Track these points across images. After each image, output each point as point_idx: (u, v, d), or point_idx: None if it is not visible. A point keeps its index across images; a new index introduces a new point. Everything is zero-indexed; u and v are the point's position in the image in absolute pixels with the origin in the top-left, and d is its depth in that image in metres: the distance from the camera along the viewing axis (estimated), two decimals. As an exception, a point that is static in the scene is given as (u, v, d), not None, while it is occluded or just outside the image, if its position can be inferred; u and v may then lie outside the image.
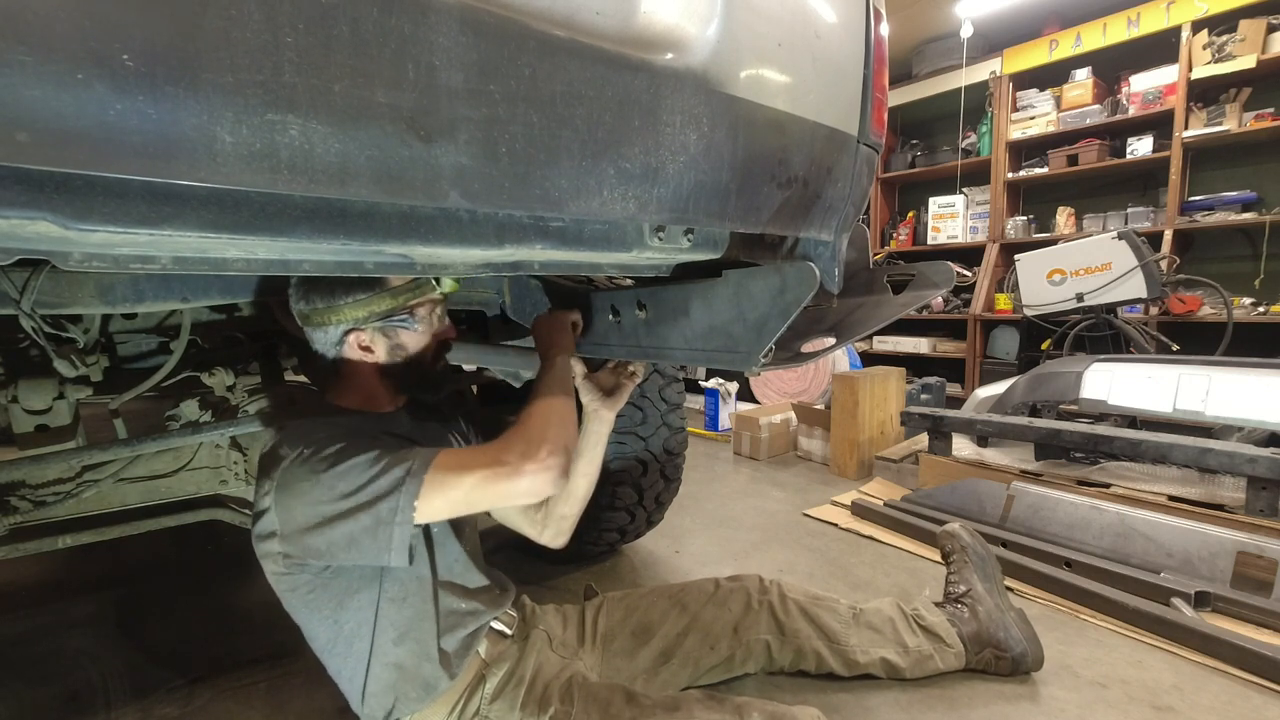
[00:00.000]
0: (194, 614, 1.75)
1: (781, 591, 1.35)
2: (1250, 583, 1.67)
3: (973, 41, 4.51)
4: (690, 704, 0.99)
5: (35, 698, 1.38)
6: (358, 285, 0.97)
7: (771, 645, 1.30)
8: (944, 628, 1.35)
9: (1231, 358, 2.53)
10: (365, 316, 0.97)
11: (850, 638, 1.32)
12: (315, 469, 0.85)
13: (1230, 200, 3.67)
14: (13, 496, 1.27)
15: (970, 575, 1.38)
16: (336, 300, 0.96)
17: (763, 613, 1.31)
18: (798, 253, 1.07)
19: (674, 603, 1.30)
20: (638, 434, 1.79)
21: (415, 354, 1.04)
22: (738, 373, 3.36)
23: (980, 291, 4.53)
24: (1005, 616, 1.34)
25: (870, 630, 1.33)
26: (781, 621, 1.30)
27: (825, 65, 0.91)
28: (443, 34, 0.56)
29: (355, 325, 0.98)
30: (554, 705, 0.99)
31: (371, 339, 1.00)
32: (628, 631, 1.26)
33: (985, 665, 1.35)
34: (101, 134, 0.44)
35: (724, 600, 1.32)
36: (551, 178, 0.67)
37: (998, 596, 1.36)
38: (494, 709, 1.01)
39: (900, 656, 1.32)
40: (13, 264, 0.69)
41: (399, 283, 0.99)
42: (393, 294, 0.98)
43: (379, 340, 1.01)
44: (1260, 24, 3.42)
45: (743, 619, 1.30)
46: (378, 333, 1.00)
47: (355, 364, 1.02)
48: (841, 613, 1.34)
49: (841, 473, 2.96)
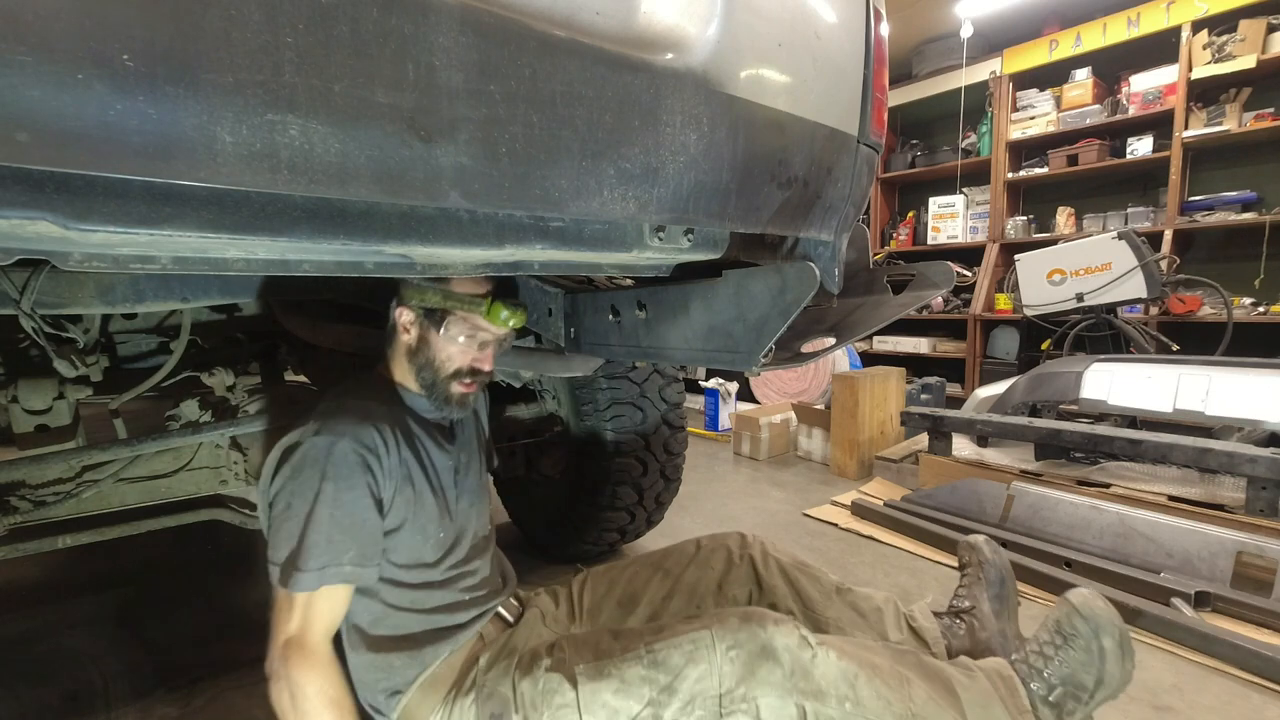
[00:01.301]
0: (194, 614, 1.75)
1: (764, 548, 1.33)
2: (1250, 583, 1.67)
3: (973, 41, 4.51)
4: (673, 623, 1.01)
5: (35, 698, 1.38)
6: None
7: (753, 596, 1.30)
8: (933, 634, 1.27)
9: (1231, 358, 2.53)
10: (416, 300, 1.02)
11: (827, 610, 1.27)
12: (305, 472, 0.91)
13: (1230, 200, 3.67)
14: (13, 496, 1.27)
15: (980, 593, 1.29)
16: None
17: (744, 566, 1.30)
18: (798, 253, 1.07)
19: (656, 569, 1.30)
20: (638, 434, 1.79)
21: (434, 359, 1.05)
22: (738, 373, 3.36)
23: (980, 291, 4.53)
24: (1008, 645, 1.24)
25: (852, 611, 1.28)
26: (761, 575, 1.29)
27: (825, 65, 0.91)
28: (443, 34, 0.56)
29: (406, 302, 1.03)
30: (545, 659, 1.00)
31: (411, 322, 1.05)
32: (613, 602, 1.27)
33: None
34: (101, 134, 0.44)
35: (706, 560, 1.31)
36: (552, 178, 0.67)
37: (1005, 622, 1.27)
38: (489, 677, 1.03)
39: None
40: (13, 264, 0.69)
41: (462, 289, 1.02)
42: (445, 295, 1.01)
43: (415, 326, 1.05)
44: (1260, 24, 3.42)
45: (726, 575, 1.29)
46: (417, 320, 1.04)
47: (396, 336, 1.07)
48: (824, 584, 1.31)
49: (841, 473, 2.96)
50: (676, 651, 0.95)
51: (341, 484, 0.91)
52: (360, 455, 0.94)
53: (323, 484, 0.90)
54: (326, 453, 0.92)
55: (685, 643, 0.95)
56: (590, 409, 1.76)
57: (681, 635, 0.96)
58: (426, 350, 1.05)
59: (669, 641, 0.96)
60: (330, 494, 0.90)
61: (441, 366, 1.05)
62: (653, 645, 0.96)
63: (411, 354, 1.06)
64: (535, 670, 0.97)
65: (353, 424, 0.95)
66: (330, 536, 0.89)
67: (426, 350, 1.05)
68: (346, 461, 0.92)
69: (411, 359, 1.06)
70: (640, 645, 0.97)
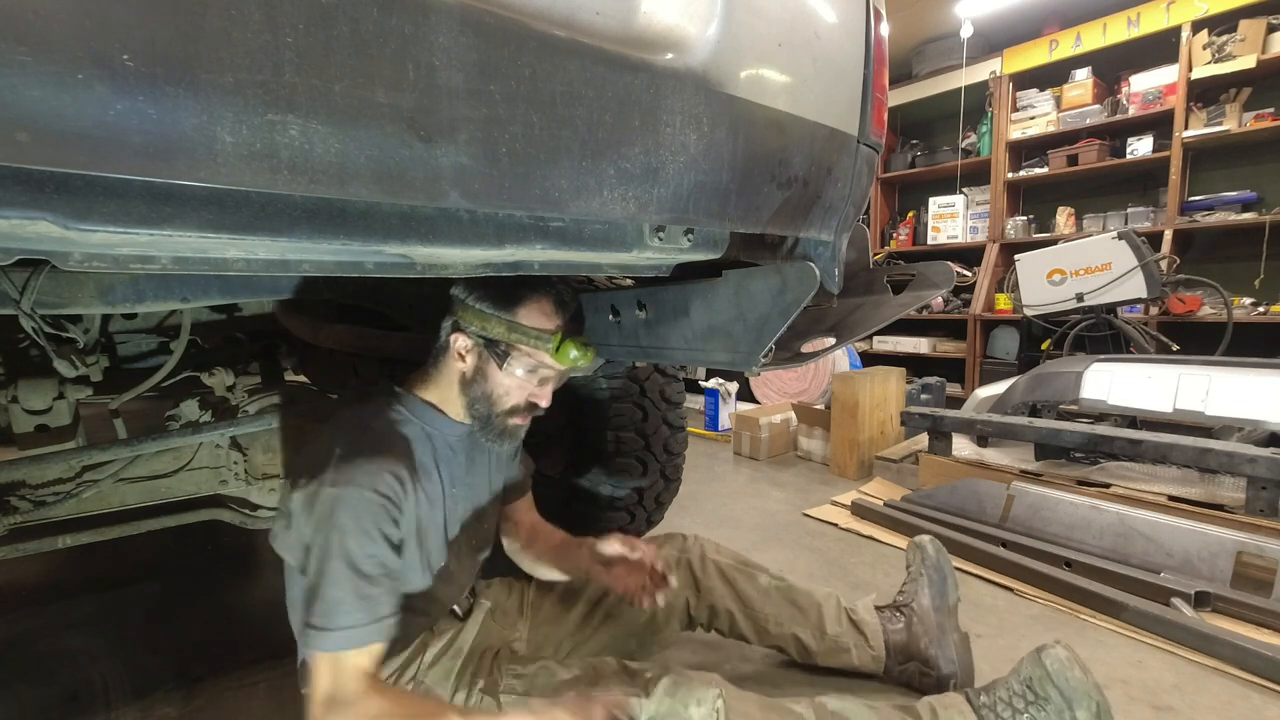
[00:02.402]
0: (194, 614, 1.75)
1: (703, 551, 1.35)
2: (1250, 583, 1.67)
3: (973, 41, 4.51)
4: (608, 676, 1.02)
5: (35, 698, 1.38)
6: (494, 296, 0.98)
7: (690, 602, 1.32)
8: (873, 628, 1.32)
9: (1231, 358, 2.53)
10: (477, 328, 0.98)
11: (765, 607, 1.32)
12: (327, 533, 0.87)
13: (1230, 200, 3.67)
14: (13, 496, 1.27)
15: (920, 590, 1.34)
16: (468, 296, 0.99)
17: (681, 569, 1.31)
18: (798, 253, 1.07)
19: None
20: (638, 433, 1.79)
21: (492, 393, 1.01)
22: (738, 373, 3.36)
23: (980, 291, 4.53)
24: (946, 637, 1.29)
25: (791, 606, 1.32)
26: (698, 578, 1.32)
27: (825, 65, 0.91)
28: (443, 34, 0.56)
29: (465, 328, 0.99)
30: (483, 678, 1.02)
31: (468, 350, 1.01)
32: (555, 597, 1.30)
33: (909, 679, 1.31)
34: (101, 134, 0.44)
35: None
36: (552, 178, 0.67)
37: (944, 616, 1.31)
38: (430, 674, 1.04)
39: (814, 640, 1.30)
40: (13, 264, 0.69)
41: (530, 322, 0.98)
42: (510, 326, 0.97)
43: (472, 356, 1.01)
44: (1260, 24, 3.42)
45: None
46: (476, 349, 1.00)
47: (448, 360, 1.03)
48: (761, 582, 1.34)
49: (841, 473, 2.96)
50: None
51: (364, 539, 0.88)
52: (381, 507, 0.90)
53: (346, 540, 0.86)
54: (349, 507, 0.88)
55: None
56: (590, 409, 1.76)
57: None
58: (484, 383, 1.01)
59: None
60: (355, 550, 0.87)
61: (499, 401, 1.02)
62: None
63: (465, 384, 1.02)
64: (472, 685, 1.01)
65: (373, 472, 0.91)
66: (360, 592, 0.86)
67: (484, 383, 1.01)
68: (369, 514, 0.89)
69: (465, 389, 1.03)
70: (571, 693, 0.96)
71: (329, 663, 0.84)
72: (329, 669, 0.84)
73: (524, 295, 0.99)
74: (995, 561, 1.90)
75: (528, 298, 0.99)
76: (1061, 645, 1.04)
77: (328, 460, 0.91)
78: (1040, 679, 1.01)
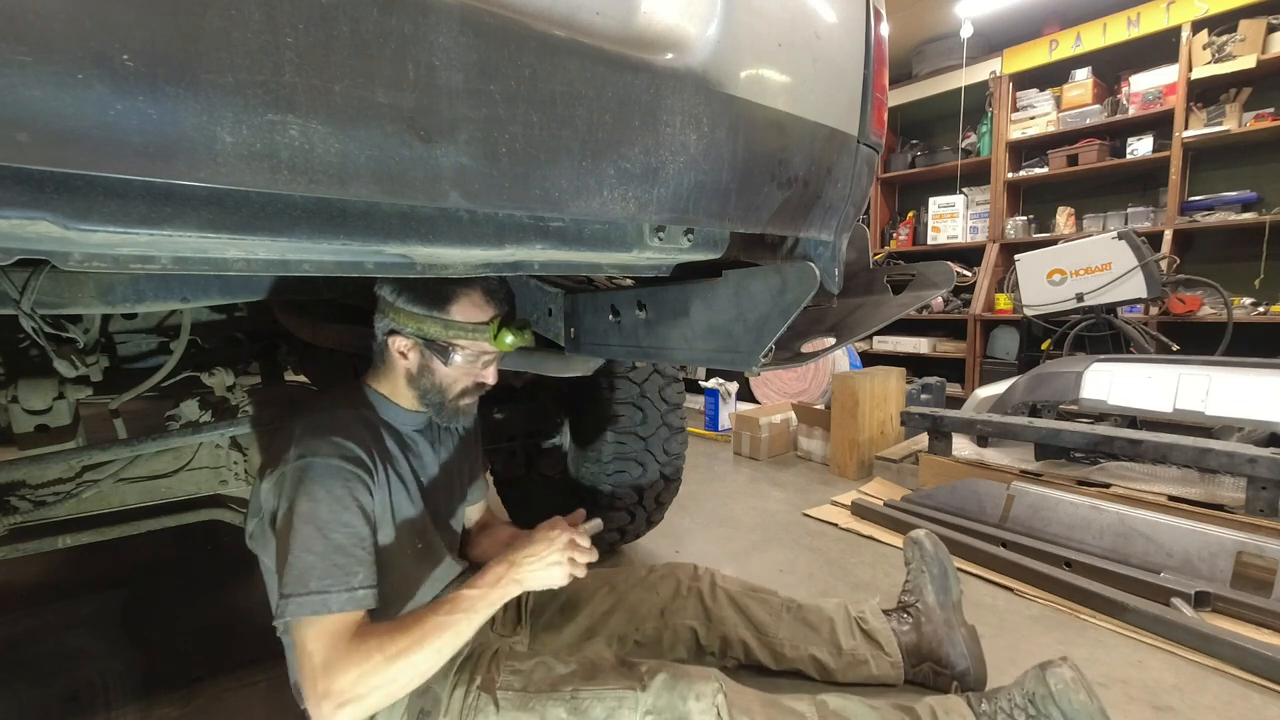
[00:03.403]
0: (194, 614, 1.75)
1: (713, 580, 1.35)
2: (1250, 583, 1.67)
3: (973, 41, 4.51)
4: (605, 670, 1.01)
5: (35, 698, 1.38)
6: (424, 296, 0.98)
7: (698, 631, 1.31)
8: (885, 635, 1.31)
9: (1231, 358, 2.53)
10: (413, 328, 1.00)
11: (779, 631, 1.31)
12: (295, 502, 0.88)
13: (1230, 200, 3.67)
14: (13, 496, 1.27)
15: (924, 588, 1.33)
16: (397, 299, 0.99)
17: (690, 598, 1.31)
18: (798, 253, 1.07)
19: (603, 582, 1.32)
20: (638, 434, 1.79)
21: (440, 384, 1.05)
22: (738, 373, 3.36)
23: (980, 291, 4.53)
24: (954, 633, 1.28)
25: (804, 626, 1.31)
26: (709, 608, 1.31)
27: (825, 65, 0.91)
28: (443, 34, 0.56)
29: (401, 330, 1.00)
30: (480, 675, 1.02)
31: (409, 349, 1.03)
32: (556, 606, 1.29)
33: (924, 679, 1.30)
34: (102, 134, 0.44)
35: (653, 585, 1.33)
36: (552, 178, 0.67)
37: (950, 612, 1.30)
38: (431, 678, 1.03)
39: (832, 657, 1.29)
40: (13, 264, 0.69)
41: (464, 317, 0.99)
42: (445, 324, 0.99)
43: (414, 354, 1.03)
44: (1260, 24, 3.42)
45: (670, 603, 1.31)
46: (416, 348, 1.02)
47: (391, 359, 1.05)
48: (773, 605, 1.33)
49: (841, 473, 2.96)
50: (600, 704, 0.95)
51: (336, 505, 0.89)
52: (353, 474, 0.92)
53: (317, 508, 0.87)
54: (318, 475, 0.89)
55: (610, 697, 0.96)
56: (590, 411, 1.76)
57: (609, 688, 0.97)
58: (431, 376, 1.04)
59: (595, 691, 0.97)
60: (327, 516, 0.87)
61: (448, 389, 1.05)
62: (579, 691, 0.97)
63: (412, 379, 1.05)
64: (470, 683, 1.00)
65: (337, 443, 0.93)
66: (332, 560, 0.86)
67: (431, 376, 1.04)
68: (339, 480, 0.90)
69: (412, 383, 1.05)
70: (569, 687, 0.97)
71: (312, 632, 0.83)
72: (313, 638, 0.83)
73: (453, 291, 1.00)
74: (995, 561, 1.90)
75: (457, 293, 1.00)
76: (1068, 665, 1.02)
77: (290, 442, 0.93)
78: (1043, 697, 1.00)
